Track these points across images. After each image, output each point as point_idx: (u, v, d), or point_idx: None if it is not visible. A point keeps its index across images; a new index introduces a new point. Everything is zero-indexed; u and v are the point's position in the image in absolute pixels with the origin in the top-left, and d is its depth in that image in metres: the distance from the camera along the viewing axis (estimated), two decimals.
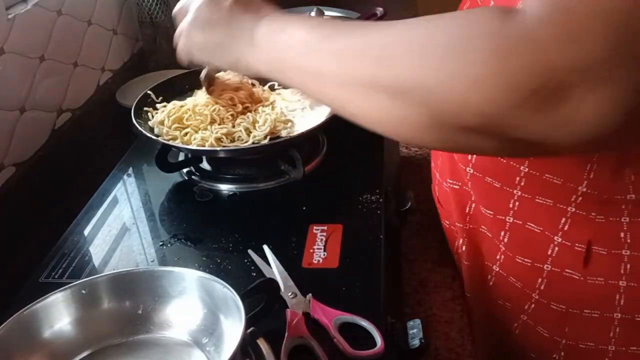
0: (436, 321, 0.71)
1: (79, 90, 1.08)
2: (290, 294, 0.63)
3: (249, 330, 0.54)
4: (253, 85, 0.93)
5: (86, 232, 0.77)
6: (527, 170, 0.62)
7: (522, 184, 0.63)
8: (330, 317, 0.60)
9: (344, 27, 0.51)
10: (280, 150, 0.81)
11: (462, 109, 0.41)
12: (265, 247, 0.70)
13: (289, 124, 0.84)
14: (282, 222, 0.77)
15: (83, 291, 0.56)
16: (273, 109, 0.86)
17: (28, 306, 0.53)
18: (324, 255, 0.69)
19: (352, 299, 0.63)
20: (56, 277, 0.70)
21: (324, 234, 0.72)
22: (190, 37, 0.64)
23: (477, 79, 0.39)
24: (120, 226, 0.78)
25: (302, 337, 0.58)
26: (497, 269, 0.70)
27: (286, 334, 0.58)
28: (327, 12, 1.23)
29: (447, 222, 0.79)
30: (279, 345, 0.57)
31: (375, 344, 0.57)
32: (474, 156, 0.65)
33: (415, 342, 0.59)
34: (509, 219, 0.66)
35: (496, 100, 0.39)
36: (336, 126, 0.84)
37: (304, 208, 0.79)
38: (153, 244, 0.75)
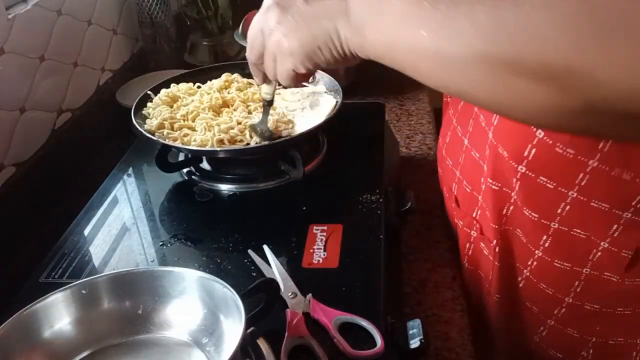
0: (436, 321, 0.71)
1: (79, 90, 1.08)
2: (290, 293, 0.63)
3: (249, 330, 0.54)
4: (250, 84, 0.93)
5: (86, 232, 0.77)
6: (596, 165, 0.57)
7: (584, 183, 0.59)
8: (330, 317, 0.60)
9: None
10: (280, 151, 0.81)
11: (630, 97, 0.37)
12: (265, 247, 0.70)
13: (290, 125, 0.84)
14: (282, 222, 0.77)
15: (83, 291, 0.56)
16: (274, 109, 0.86)
17: (28, 306, 0.53)
18: (324, 255, 0.69)
19: (352, 299, 0.63)
20: (56, 277, 0.70)
21: (324, 234, 0.72)
22: (284, 54, 0.59)
23: None
24: (120, 226, 0.78)
25: (302, 337, 0.58)
26: (528, 274, 0.69)
27: (286, 334, 0.58)
28: None
29: (461, 223, 0.78)
30: (279, 345, 0.57)
31: (375, 344, 0.57)
32: (532, 153, 0.61)
33: (416, 342, 0.59)
34: (554, 225, 0.63)
35: None
36: (336, 126, 0.85)
37: (304, 208, 0.79)
38: (153, 244, 0.75)
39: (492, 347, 0.78)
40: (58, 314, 0.55)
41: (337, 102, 0.86)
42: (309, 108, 0.88)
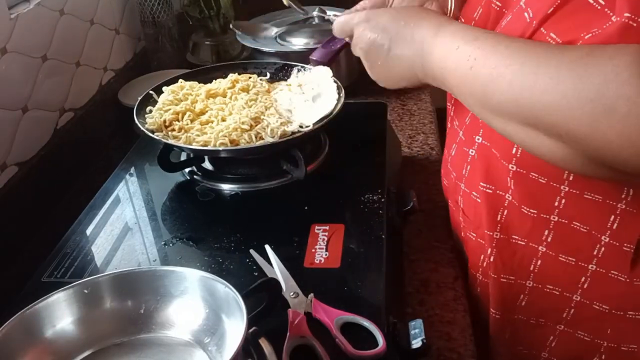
0: (438, 321, 0.71)
1: (81, 89, 1.08)
2: (292, 293, 0.63)
3: (250, 330, 0.54)
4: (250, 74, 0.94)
5: (88, 231, 0.77)
6: None
7: (571, 178, 0.61)
8: (332, 317, 0.60)
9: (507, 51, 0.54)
10: (282, 150, 0.81)
11: (614, 158, 0.48)
12: (267, 247, 0.70)
13: (289, 124, 0.83)
14: (284, 222, 0.77)
15: (85, 291, 0.56)
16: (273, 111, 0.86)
17: (30, 305, 0.53)
18: (326, 255, 0.69)
19: (354, 299, 0.63)
20: (58, 276, 0.70)
21: (326, 233, 0.72)
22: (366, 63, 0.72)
23: (629, 137, 0.45)
24: (122, 226, 0.78)
25: (304, 337, 0.58)
26: (532, 284, 0.68)
27: (288, 333, 0.58)
28: (328, 12, 1.23)
29: (474, 235, 0.75)
30: (281, 345, 0.57)
31: (377, 344, 0.57)
32: (519, 151, 0.64)
33: (417, 343, 0.58)
34: (554, 218, 0.64)
35: None
36: (338, 126, 0.85)
37: (306, 208, 0.79)
38: (155, 244, 0.75)
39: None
40: (60, 313, 0.55)
41: (339, 96, 0.86)
42: (312, 101, 0.88)
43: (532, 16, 0.56)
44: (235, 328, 0.51)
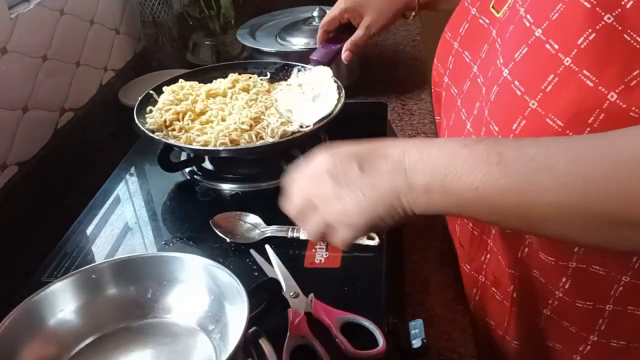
0: (438, 321, 0.71)
1: (81, 89, 1.08)
2: (292, 293, 0.63)
3: (251, 330, 0.54)
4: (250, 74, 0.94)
5: (88, 231, 0.77)
6: None
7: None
8: (332, 316, 0.60)
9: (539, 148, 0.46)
10: (282, 150, 0.81)
11: None
12: (267, 247, 0.70)
13: (289, 124, 0.83)
14: (285, 222, 0.77)
15: (93, 276, 0.57)
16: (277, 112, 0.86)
17: (34, 293, 0.54)
18: (326, 255, 0.69)
19: (354, 299, 0.63)
20: (58, 275, 0.70)
21: None
22: (343, 225, 0.54)
23: None
24: (122, 225, 0.78)
25: (304, 337, 0.58)
26: (549, 313, 0.65)
27: (288, 333, 0.58)
28: (328, 12, 1.23)
29: (468, 267, 0.72)
30: (281, 345, 0.57)
31: (377, 344, 0.57)
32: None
33: (417, 342, 0.58)
34: (572, 264, 0.60)
35: None
36: (338, 125, 0.85)
37: None
38: (155, 244, 0.75)
39: None
40: (64, 300, 0.56)
41: (339, 96, 0.86)
42: (312, 101, 0.88)
43: (533, 22, 0.53)
44: (238, 317, 0.51)
